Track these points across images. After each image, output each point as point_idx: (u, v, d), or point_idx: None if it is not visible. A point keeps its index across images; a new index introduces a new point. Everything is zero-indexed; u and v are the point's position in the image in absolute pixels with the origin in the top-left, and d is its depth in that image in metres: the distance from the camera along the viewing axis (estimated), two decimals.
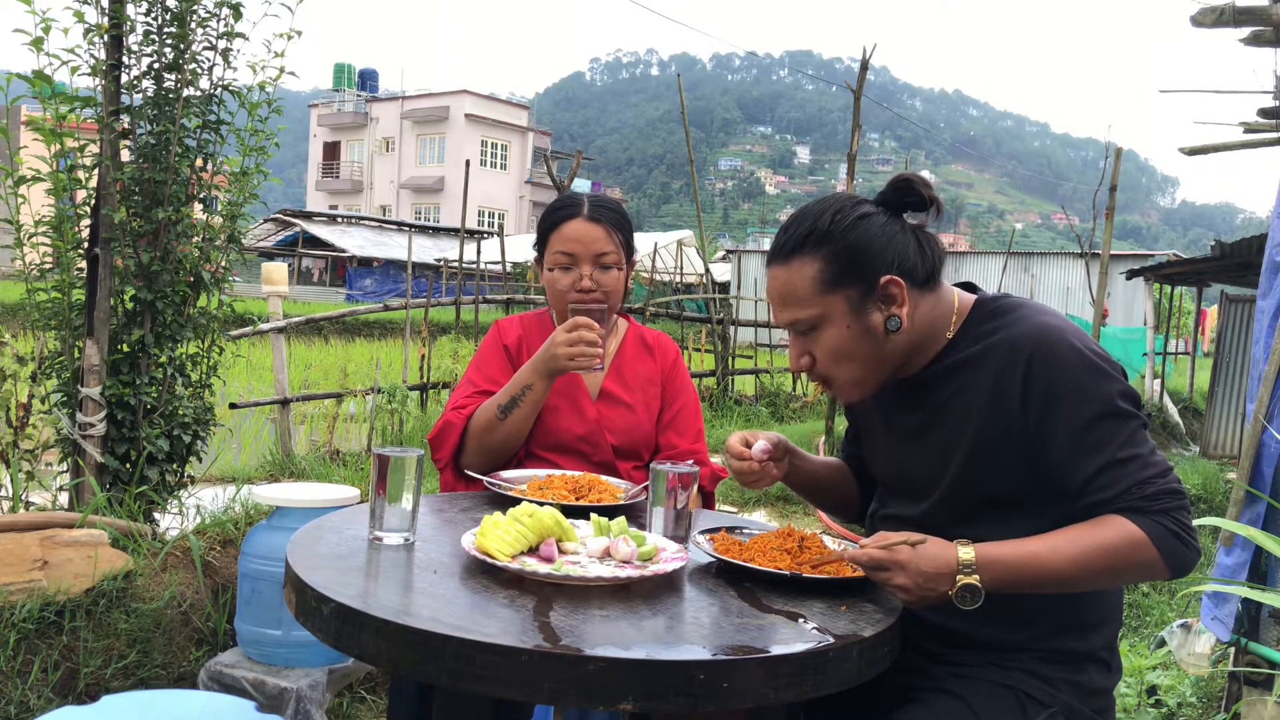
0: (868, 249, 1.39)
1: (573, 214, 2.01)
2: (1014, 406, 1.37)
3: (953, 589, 1.29)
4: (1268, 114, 4.12)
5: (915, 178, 1.43)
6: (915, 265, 1.42)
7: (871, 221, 1.41)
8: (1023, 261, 23.17)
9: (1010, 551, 1.31)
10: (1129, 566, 1.30)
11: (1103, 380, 1.35)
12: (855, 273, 1.39)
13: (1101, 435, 1.33)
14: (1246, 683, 2.67)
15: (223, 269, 3.32)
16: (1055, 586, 1.32)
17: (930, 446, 1.47)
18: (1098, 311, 6.11)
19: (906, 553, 1.30)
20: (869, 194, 1.49)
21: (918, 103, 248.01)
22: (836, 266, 1.39)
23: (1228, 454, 8.73)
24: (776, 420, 9.44)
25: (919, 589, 1.30)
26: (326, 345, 14.11)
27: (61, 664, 2.46)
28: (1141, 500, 1.30)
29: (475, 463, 1.96)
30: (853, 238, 1.39)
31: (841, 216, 1.41)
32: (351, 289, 30.02)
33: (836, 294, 1.40)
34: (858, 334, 1.41)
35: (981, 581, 1.29)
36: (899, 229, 1.42)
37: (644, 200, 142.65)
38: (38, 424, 3.15)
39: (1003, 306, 1.46)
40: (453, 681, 1.08)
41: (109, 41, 3.00)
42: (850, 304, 1.40)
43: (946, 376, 1.46)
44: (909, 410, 1.51)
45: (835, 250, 1.39)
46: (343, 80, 51.79)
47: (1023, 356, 1.37)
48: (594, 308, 1.90)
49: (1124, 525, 1.29)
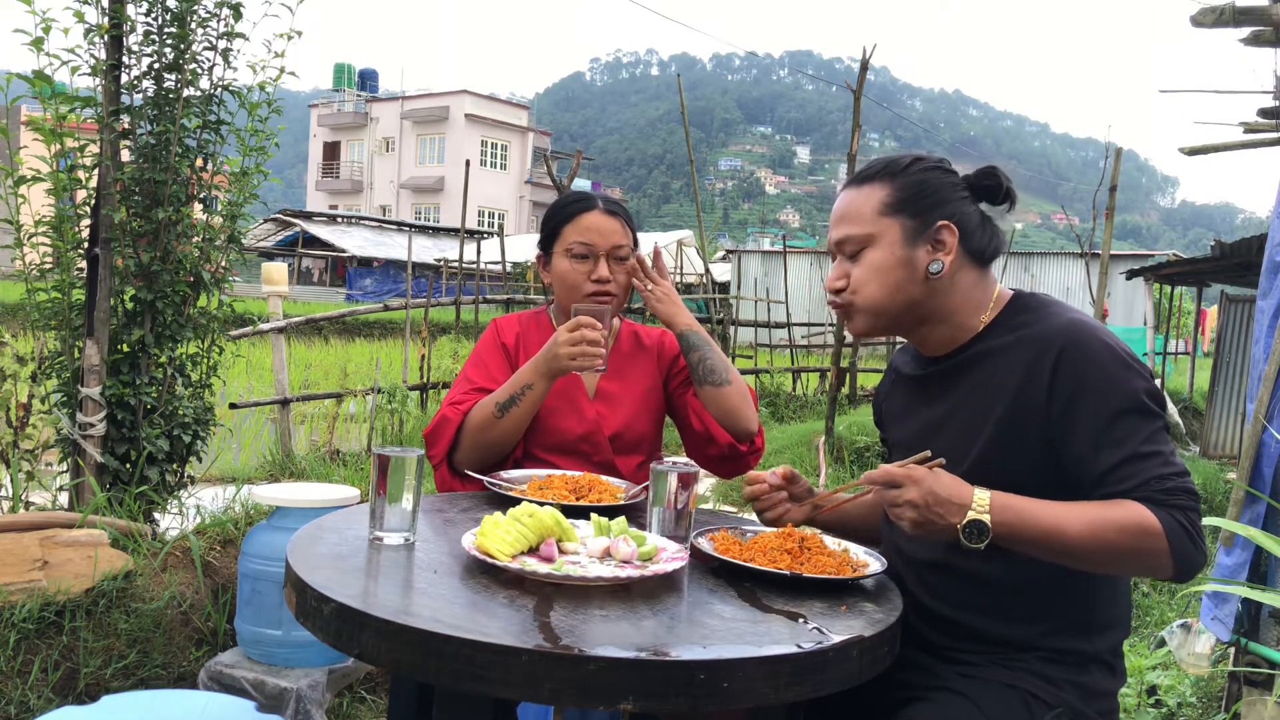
0: (935, 192, 1.49)
1: (588, 206, 2.02)
2: (1041, 396, 1.39)
3: (962, 520, 1.30)
4: (1268, 114, 4.12)
5: (1001, 169, 1.52)
6: (974, 232, 1.50)
7: (946, 175, 1.51)
8: (1023, 261, 23.16)
9: (1026, 504, 1.32)
10: (1137, 553, 1.29)
11: (1131, 376, 1.36)
12: (915, 207, 1.48)
13: (1125, 429, 1.34)
14: (1246, 683, 2.67)
15: (223, 269, 3.32)
16: (1060, 552, 1.31)
17: (954, 433, 1.49)
18: (1098, 311, 6.11)
19: (922, 470, 1.33)
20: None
21: (918, 103, 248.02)
22: (902, 196, 1.49)
23: (1228, 454, 8.73)
24: (776, 421, 9.44)
25: (927, 509, 1.30)
26: (326, 345, 14.11)
27: (61, 664, 2.46)
28: (1160, 493, 1.30)
29: (469, 460, 1.95)
30: (924, 178, 1.50)
31: (920, 161, 1.52)
32: (351, 289, 30.02)
33: (893, 220, 1.48)
34: (899, 261, 1.48)
35: (992, 523, 1.29)
36: (968, 198, 1.51)
37: (644, 200, 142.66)
38: (38, 424, 3.15)
39: (1038, 301, 1.50)
40: (453, 681, 1.08)
41: (109, 41, 3.00)
42: (903, 232, 1.48)
43: (976, 363, 1.49)
44: (937, 400, 1.54)
45: (906, 183, 1.49)
46: (343, 80, 51.79)
47: (1054, 348, 1.39)
48: (598, 307, 1.90)
49: (1140, 510, 1.29)
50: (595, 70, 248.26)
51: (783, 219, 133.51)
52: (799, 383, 11.10)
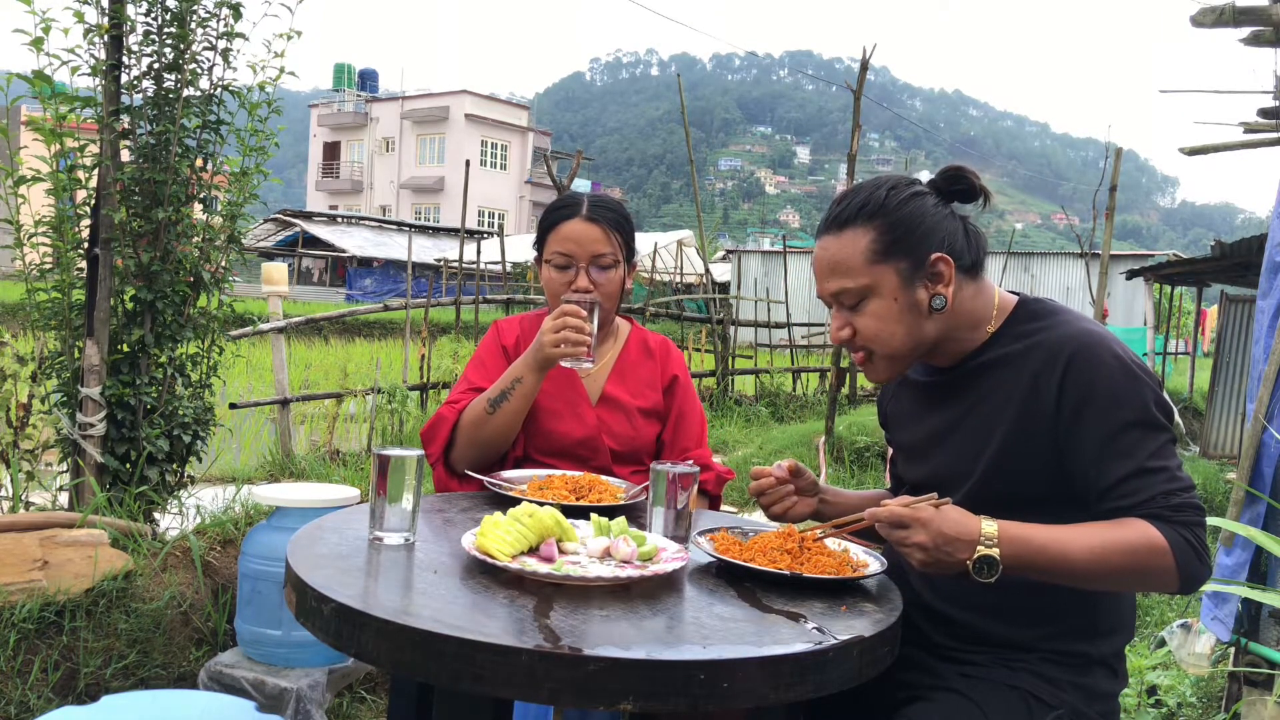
0: (921, 224, 1.43)
1: (571, 214, 2.00)
2: (1049, 406, 1.38)
3: (971, 556, 1.27)
4: (1268, 114, 4.12)
5: (967, 168, 1.47)
6: (963, 249, 1.45)
7: (925, 200, 1.45)
8: (1023, 261, 23.15)
9: (1033, 532, 1.30)
10: (1144, 571, 1.29)
11: (1140, 388, 1.35)
12: (907, 246, 1.42)
13: (1132, 442, 1.33)
14: (1246, 683, 2.67)
15: (223, 269, 3.32)
16: (1069, 576, 1.31)
17: (961, 441, 1.48)
18: (1098, 311, 6.11)
19: (929, 511, 1.29)
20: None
21: (918, 103, 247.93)
22: (889, 238, 1.42)
23: (1228, 454, 8.73)
24: (776, 420, 9.43)
25: (937, 550, 1.28)
26: (326, 345, 14.10)
27: (61, 664, 2.46)
28: (1166, 509, 1.29)
29: (465, 459, 1.94)
30: (906, 212, 1.43)
31: (896, 192, 1.44)
32: (351, 289, 30.01)
33: (887, 265, 1.42)
34: (903, 308, 1.43)
35: (1001, 556, 1.28)
36: (948, 213, 1.46)
37: (644, 200, 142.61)
38: (38, 424, 3.15)
39: (1047, 309, 1.48)
40: (453, 681, 1.08)
41: (109, 41, 3.00)
42: (900, 276, 1.42)
43: (984, 372, 1.47)
44: (944, 408, 1.53)
45: (889, 223, 1.42)
46: (343, 80, 51.77)
47: (1063, 358, 1.37)
48: (583, 298, 1.90)
49: (1146, 529, 1.28)
50: (595, 70, 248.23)
51: (783, 219, 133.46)
52: (799, 383, 11.10)
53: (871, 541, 1.61)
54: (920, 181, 1.49)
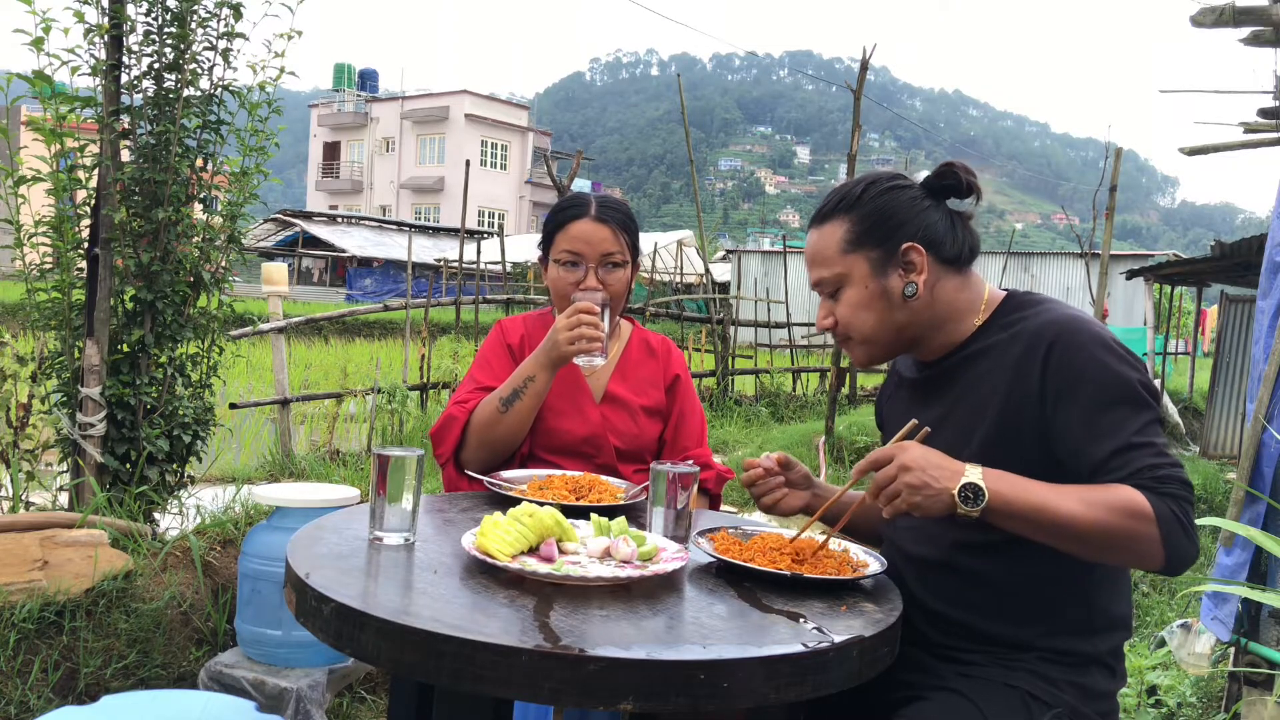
0: (892, 215, 1.48)
1: (580, 214, 2.01)
2: (1033, 391, 1.39)
3: (956, 485, 1.29)
4: (1268, 114, 4.12)
5: (958, 164, 1.51)
6: (943, 241, 1.49)
7: (902, 193, 1.50)
8: (1023, 261, 23.16)
9: (1017, 477, 1.32)
10: (1128, 536, 1.28)
11: (1124, 367, 1.36)
12: (877, 236, 1.48)
13: (1118, 419, 1.33)
14: (1246, 683, 2.67)
15: (223, 269, 3.32)
16: (1051, 528, 1.30)
17: (950, 434, 1.48)
18: (1098, 311, 6.11)
19: (904, 443, 1.35)
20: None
21: (918, 103, 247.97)
22: (861, 229, 1.49)
23: (1228, 454, 8.73)
24: (776, 420, 9.43)
25: (922, 473, 1.29)
26: (326, 345, 14.10)
27: (61, 664, 2.46)
28: (1153, 480, 1.30)
29: (476, 458, 1.95)
30: (880, 204, 1.49)
31: (874, 186, 1.51)
32: (351, 289, 30.01)
33: (858, 255, 1.49)
34: (874, 294, 1.49)
35: (986, 486, 1.29)
36: (931, 205, 1.50)
37: (644, 200, 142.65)
38: (38, 424, 3.15)
39: (1031, 299, 1.51)
40: (453, 681, 1.08)
41: (109, 41, 3.00)
42: (870, 265, 1.48)
43: (969, 363, 1.49)
44: (933, 402, 1.54)
45: (862, 214, 1.49)
46: (343, 80, 51.77)
47: (1044, 343, 1.39)
48: (594, 296, 1.90)
49: (1132, 494, 1.28)
50: (595, 70, 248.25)
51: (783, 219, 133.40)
52: (799, 383, 11.10)
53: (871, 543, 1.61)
54: (904, 177, 1.53)
